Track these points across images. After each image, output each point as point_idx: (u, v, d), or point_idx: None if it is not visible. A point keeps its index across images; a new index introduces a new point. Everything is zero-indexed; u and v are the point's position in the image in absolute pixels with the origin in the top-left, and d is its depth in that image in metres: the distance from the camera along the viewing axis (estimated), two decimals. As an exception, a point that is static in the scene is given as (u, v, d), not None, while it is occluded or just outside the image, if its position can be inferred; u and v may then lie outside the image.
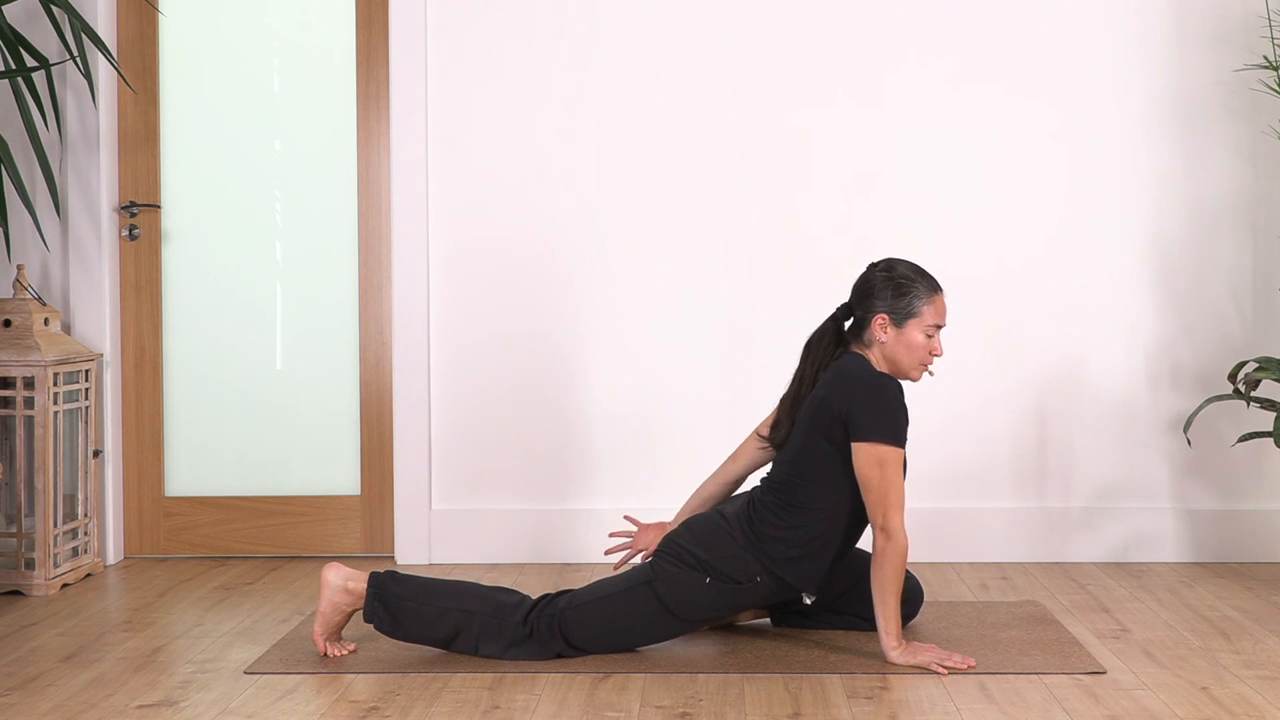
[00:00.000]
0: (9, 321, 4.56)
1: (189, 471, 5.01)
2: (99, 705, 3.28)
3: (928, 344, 3.65)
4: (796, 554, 3.62)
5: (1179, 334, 4.84)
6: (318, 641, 3.65)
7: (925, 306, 3.64)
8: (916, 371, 3.68)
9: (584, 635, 3.60)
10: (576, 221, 4.87)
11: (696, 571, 3.60)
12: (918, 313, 3.64)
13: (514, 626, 3.58)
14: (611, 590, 3.63)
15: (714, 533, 3.64)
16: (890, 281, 3.67)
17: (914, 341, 3.64)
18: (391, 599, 3.59)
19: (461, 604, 3.60)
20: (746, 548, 3.61)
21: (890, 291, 3.66)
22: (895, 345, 3.66)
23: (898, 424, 3.57)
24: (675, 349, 4.87)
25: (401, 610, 3.59)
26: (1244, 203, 4.82)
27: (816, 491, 3.62)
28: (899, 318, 3.64)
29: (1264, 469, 4.82)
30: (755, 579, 3.62)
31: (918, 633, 3.85)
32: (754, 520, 3.64)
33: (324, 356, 4.99)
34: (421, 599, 3.60)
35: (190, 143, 4.99)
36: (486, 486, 4.91)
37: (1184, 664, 3.56)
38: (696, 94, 4.84)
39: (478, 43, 4.86)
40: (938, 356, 3.68)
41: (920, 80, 4.83)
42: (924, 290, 3.65)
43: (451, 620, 3.59)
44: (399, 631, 3.61)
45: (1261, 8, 4.76)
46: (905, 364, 3.66)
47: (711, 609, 3.66)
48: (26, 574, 4.45)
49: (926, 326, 3.64)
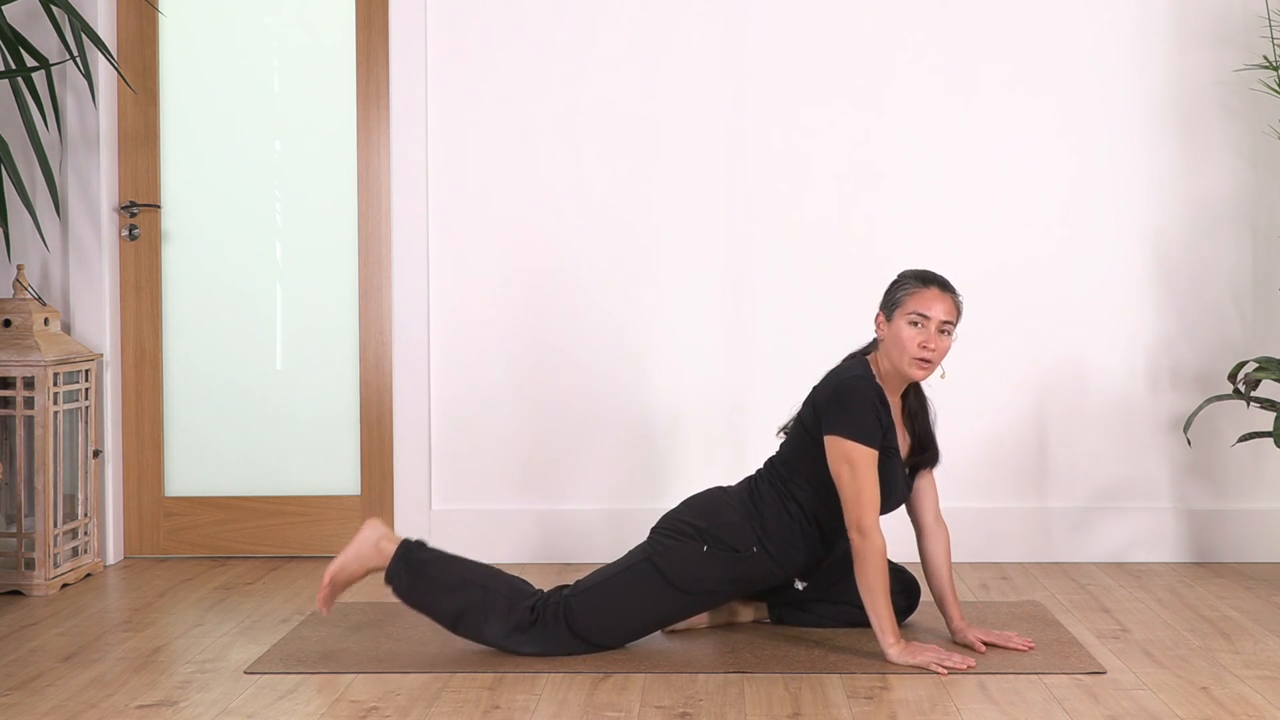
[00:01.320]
0: (9, 321, 4.56)
1: (189, 471, 5.01)
2: (99, 705, 3.28)
3: (916, 334, 3.63)
4: (786, 533, 3.69)
5: (1179, 334, 4.84)
6: (325, 579, 3.74)
7: (909, 297, 3.67)
8: (913, 367, 3.65)
9: (587, 620, 3.61)
10: (576, 221, 4.87)
11: (695, 541, 3.67)
12: (901, 303, 3.67)
13: (522, 610, 3.62)
14: (613, 572, 3.70)
15: (712, 503, 3.75)
16: (891, 283, 3.74)
17: (901, 332, 3.65)
18: (416, 561, 3.67)
19: (480, 579, 3.67)
20: (745, 517, 3.70)
21: (886, 291, 3.74)
22: (889, 341, 3.68)
23: (863, 421, 3.58)
24: (675, 348, 4.87)
25: (422, 574, 3.66)
26: (1244, 203, 4.82)
27: (801, 481, 3.71)
28: (889, 311, 3.70)
29: (1263, 469, 4.82)
30: (751, 549, 3.68)
31: (918, 632, 3.85)
32: (755, 493, 3.74)
33: (324, 356, 4.99)
34: (445, 566, 3.68)
35: (190, 143, 4.99)
36: (486, 486, 4.91)
37: (1184, 664, 3.56)
38: (697, 93, 4.84)
39: (478, 42, 4.86)
40: (929, 350, 3.62)
41: (921, 81, 4.83)
42: (911, 283, 3.68)
43: (466, 594, 3.64)
44: (414, 597, 3.67)
45: (1261, 8, 4.76)
46: (899, 359, 3.67)
47: (710, 581, 3.68)
48: (26, 574, 4.45)
49: (909, 314, 3.64)
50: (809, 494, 3.70)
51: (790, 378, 4.85)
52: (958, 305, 3.68)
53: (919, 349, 3.62)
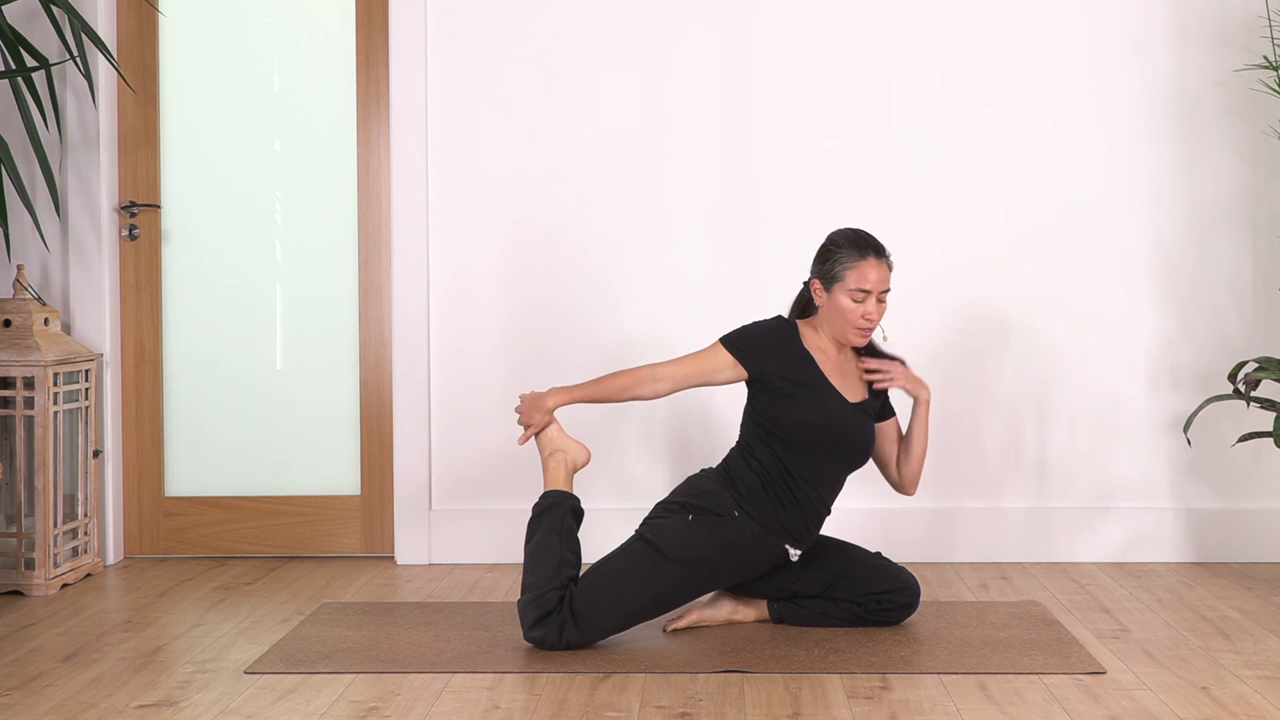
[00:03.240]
0: (9, 321, 4.56)
1: (189, 471, 5.01)
2: (99, 705, 3.28)
3: (857, 309, 3.75)
4: (759, 492, 3.79)
5: (1179, 334, 4.84)
6: (532, 424, 3.94)
7: (848, 271, 3.75)
8: (853, 334, 3.79)
9: (588, 603, 3.65)
10: (577, 221, 4.87)
11: (680, 514, 3.78)
12: (840, 277, 3.76)
13: (556, 591, 3.69)
14: (609, 556, 3.79)
15: (691, 480, 3.91)
16: (822, 248, 3.84)
17: (841, 305, 3.77)
18: (545, 508, 3.86)
19: (561, 567, 3.73)
20: (721, 484, 3.82)
21: (819, 257, 3.84)
22: (829, 310, 3.81)
23: (741, 333, 3.83)
24: (675, 349, 4.86)
25: (540, 513, 3.83)
26: (1244, 203, 4.82)
27: (753, 438, 3.84)
28: (826, 283, 3.79)
29: (1264, 469, 4.82)
30: (733, 513, 3.77)
31: (919, 632, 3.86)
32: (727, 464, 3.87)
33: (324, 356, 4.99)
34: (553, 536, 3.78)
35: (190, 143, 4.99)
36: (486, 486, 4.91)
37: (1184, 664, 3.56)
38: (701, 95, 4.84)
39: (478, 42, 4.86)
40: (870, 320, 3.76)
41: (921, 81, 4.83)
42: (848, 255, 3.76)
43: (549, 550, 3.75)
44: (534, 514, 3.85)
45: (1261, 8, 4.76)
46: (839, 328, 3.80)
47: (700, 548, 3.74)
48: (26, 574, 4.45)
49: (850, 291, 3.73)
50: (762, 445, 3.82)
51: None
52: (890, 266, 3.81)
53: (862, 319, 3.77)
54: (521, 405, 3.97)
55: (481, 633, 3.89)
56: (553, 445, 3.95)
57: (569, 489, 3.92)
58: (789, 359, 3.81)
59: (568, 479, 3.94)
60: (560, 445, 3.96)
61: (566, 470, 3.94)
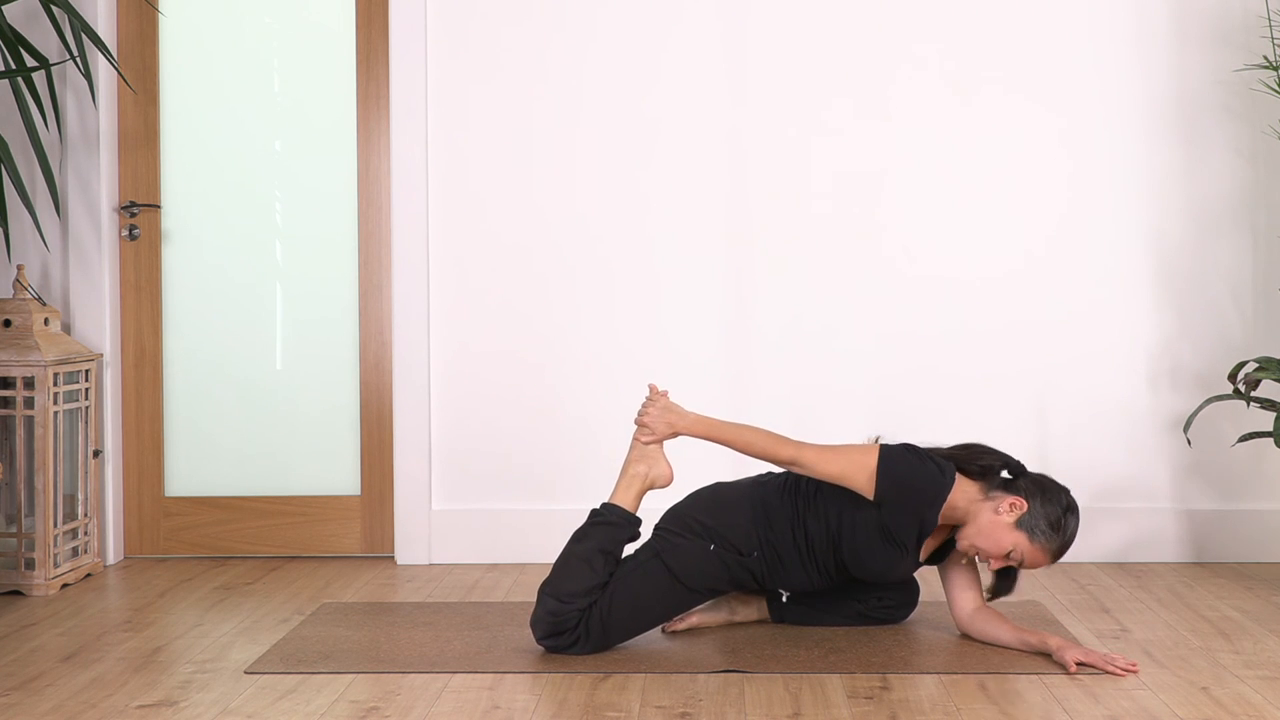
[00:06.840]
0: (9, 321, 4.56)
1: (189, 471, 5.01)
2: (99, 705, 3.28)
3: (1004, 560, 3.63)
4: (788, 551, 3.73)
5: (1179, 334, 4.84)
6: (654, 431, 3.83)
7: (1039, 550, 3.62)
8: (972, 551, 3.66)
9: (605, 626, 3.64)
10: (577, 221, 4.87)
11: (702, 540, 3.72)
12: (1034, 539, 3.61)
13: (577, 612, 3.65)
14: (625, 572, 3.72)
15: (721, 501, 3.80)
16: (1056, 511, 3.62)
17: (1002, 543, 3.61)
18: (602, 520, 3.77)
19: (592, 590, 3.68)
20: (753, 522, 3.74)
21: (1048, 502, 3.63)
22: (993, 522, 3.63)
23: (909, 472, 3.66)
24: (674, 347, 4.87)
25: (593, 527, 3.76)
26: (1244, 203, 4.82)
27: (821, 510, 3.72)
28: (1025, 523, 3.61)
29: (1264, 469, 4.82)
30: (754, 553, 3.73)
31: (919, 632, 3.85)
32: (765, 500, 3.76)
33: (324, 356, 4.99)
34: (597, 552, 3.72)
35: (190, 142, 4.99)
36: (486, 486, 4.91)
37: (1184, 664, 3.56)
38: (696, 91, 4.84)
39: (478, 43, 4.86)
40: (985, 559, 3.65)
41: (921, 81, 4.82)
42: (1051, 541, 3.61)
43: (592, 569, 3.69)
44: (593, 520, 3.79)
45: (1261, 8, 4.76)
46: (977, 539, 3.64)
47: (713, 579, 3.74)
48: (26, 574, 4.45)
49: (1023, 550, 3.61)
50: (821, 529, 3.72)
51: (790, 379, 4.86)
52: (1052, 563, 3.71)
53: (995, 561, 3.64)
54: (654, 403, 3.83)
55: (481, 633, 3.89)
56: (645, 455, 3.84)
57: (635, 508, 3.81)
58: (911, 520, 3.65)
59: (639, 497, 3.82)
60: (652, 457, 3.84)
61: (642, 486, 3.82)
